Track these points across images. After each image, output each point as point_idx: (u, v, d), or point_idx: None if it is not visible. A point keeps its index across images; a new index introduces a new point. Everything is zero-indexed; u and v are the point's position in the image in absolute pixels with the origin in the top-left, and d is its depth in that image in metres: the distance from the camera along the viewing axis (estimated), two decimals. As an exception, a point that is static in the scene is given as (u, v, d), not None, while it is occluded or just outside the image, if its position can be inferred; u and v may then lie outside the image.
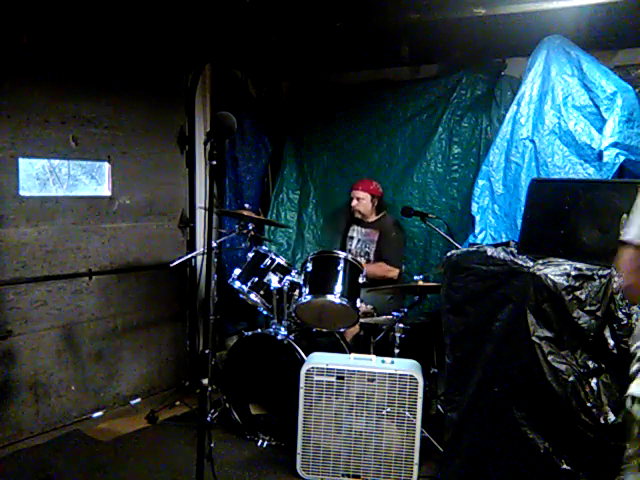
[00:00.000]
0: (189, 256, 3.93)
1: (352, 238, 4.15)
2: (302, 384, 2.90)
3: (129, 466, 3.07)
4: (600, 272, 2.16)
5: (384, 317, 3.63)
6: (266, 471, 3.03)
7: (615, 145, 2.99)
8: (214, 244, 3.45)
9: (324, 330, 3.45)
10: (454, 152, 4.06)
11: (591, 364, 2.13)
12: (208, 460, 2.48)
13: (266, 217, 4.60)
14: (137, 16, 3.41)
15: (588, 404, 2.10)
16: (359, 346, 3.60)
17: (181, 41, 3.86)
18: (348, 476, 2.90)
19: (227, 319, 4.45)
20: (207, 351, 2.28)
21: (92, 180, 3.74)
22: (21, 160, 3.30)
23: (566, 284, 2.15)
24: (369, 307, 3.78)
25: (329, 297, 3.21)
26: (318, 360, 2.94)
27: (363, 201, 4.00)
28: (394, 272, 3.86)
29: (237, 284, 3.47)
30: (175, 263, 3.67)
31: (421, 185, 4.14)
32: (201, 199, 4.24)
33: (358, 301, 3.26)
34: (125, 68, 3.76)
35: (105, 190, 3.78)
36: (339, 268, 3.28)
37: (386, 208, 4.09)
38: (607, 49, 3.53)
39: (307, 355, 3.09)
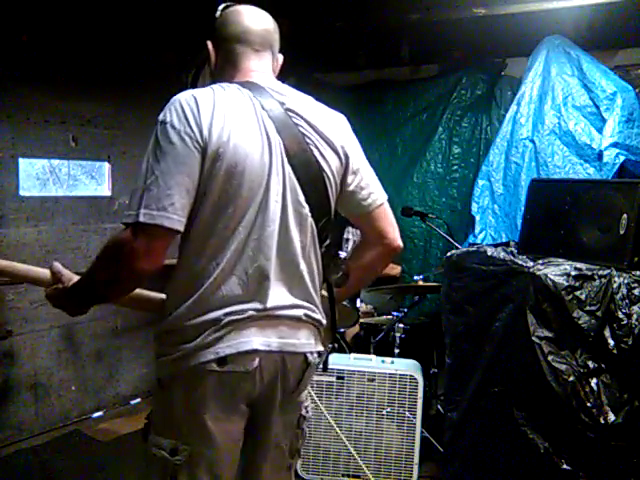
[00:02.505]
0: (189, 256, 3.92)
1: (348, 240, 4.13)
2: (302, 384, 2.90)
3: (129, 466, 3.07)
4: (600, 272, 2.16)
5: (384, 317, 3.63)
6: (266, 471, 3.03)
7: (615, 145, 2.99)
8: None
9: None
10: (454, 152, 4.06)
11: (591, 364, 2.13)
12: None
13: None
14: (137, 16, 3.42)
15: (588, 404, 2.10)
16: (359, 346, 3.59)
17: (181, 41, 3.85)
18: (348, 476, 2.90)
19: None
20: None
21: (92, 180, 3.74)
22: (21, 160, 3.30)
23: (566, 284, 2.15)
24: (369, 307, 3.79)
25: (329, 297, 3.20)
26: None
27: None
28: (397, 269, 3.94)
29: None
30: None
31: (421, 185, 4.14)
32: (201, 199, 4.22)
33: (358, 301, 3.26)
34: (125, 68, 3.75)
35: (105, 190, 3.78)
36: (339, 268, 3.27)
37: None
38: (607, 49, 3.53)
39: (307, 355, 3.08)
